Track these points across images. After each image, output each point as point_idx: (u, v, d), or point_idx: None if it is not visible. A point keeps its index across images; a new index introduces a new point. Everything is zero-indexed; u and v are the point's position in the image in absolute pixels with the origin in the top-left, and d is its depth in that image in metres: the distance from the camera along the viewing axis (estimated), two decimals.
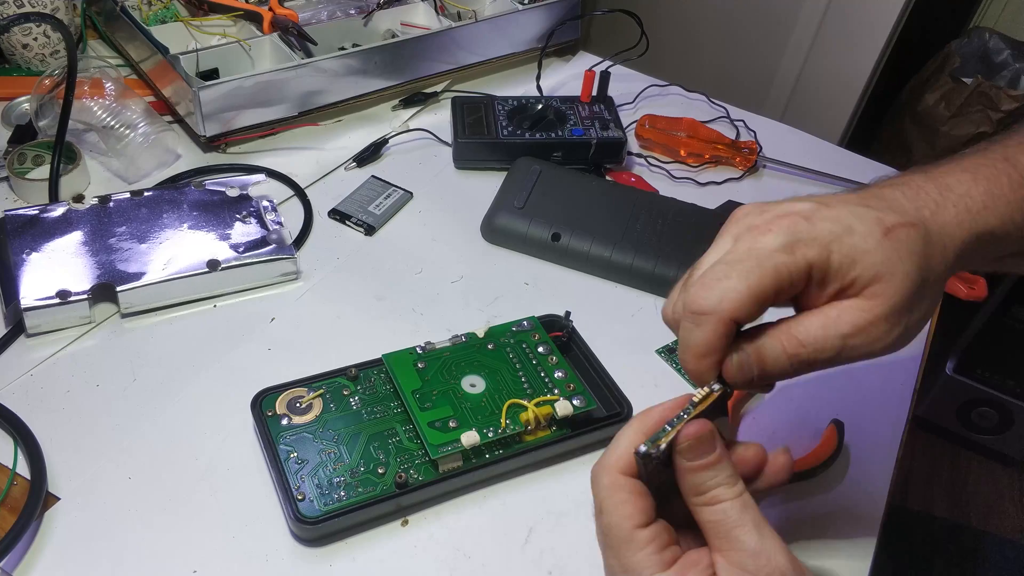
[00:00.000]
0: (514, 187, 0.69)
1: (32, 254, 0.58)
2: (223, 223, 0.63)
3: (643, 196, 0.70)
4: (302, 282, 0.63)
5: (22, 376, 0.54)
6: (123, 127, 0.69)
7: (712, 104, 0.88)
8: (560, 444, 0.51)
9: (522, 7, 0.87)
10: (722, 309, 0.35)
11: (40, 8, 0.77)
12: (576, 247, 0.65)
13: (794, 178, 0.80)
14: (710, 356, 0.36)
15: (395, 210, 0.70)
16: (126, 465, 0.50)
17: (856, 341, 0.35)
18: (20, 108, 0.76)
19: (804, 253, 0.35)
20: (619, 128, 0.76)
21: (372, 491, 0.47)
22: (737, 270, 0.35)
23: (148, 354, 0.56)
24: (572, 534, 0.48)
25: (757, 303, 0.35)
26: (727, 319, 0.35)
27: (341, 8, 0.85)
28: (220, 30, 0.80)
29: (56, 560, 0.45)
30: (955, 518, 1.43)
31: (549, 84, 0.86)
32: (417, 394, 0.51)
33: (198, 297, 0.60)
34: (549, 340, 0.56)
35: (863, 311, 0.35)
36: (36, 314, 0.56)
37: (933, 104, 1.58)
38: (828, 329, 0.35)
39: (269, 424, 0.49)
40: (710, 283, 0.35)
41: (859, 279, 0.35)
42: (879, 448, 0.55)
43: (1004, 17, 1.67)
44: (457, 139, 0.75)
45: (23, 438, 0.49)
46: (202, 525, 0.47)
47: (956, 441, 1.53)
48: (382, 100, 0.82)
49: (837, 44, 1.52)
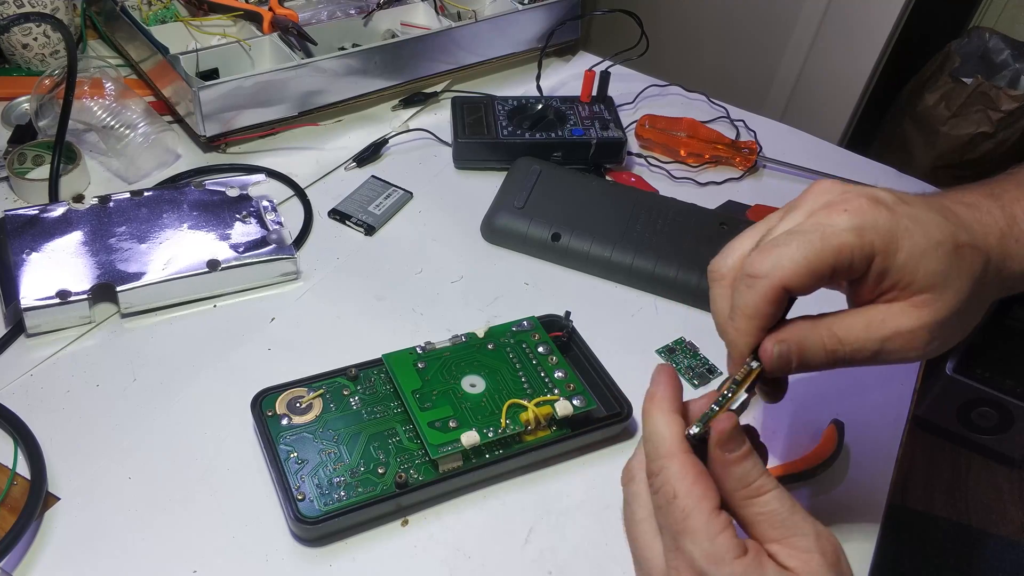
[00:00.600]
0: (514, 187, 0.69)
1: (32, 254, 0.58)
2: (223, 223, 0.63)
3: (643, 196, 0.70)
4: (302, 282, 0.63)
5: (22, 376, 0.54)
6: (123, 127, 0.69)
7: (712, 104, 0.88)
8: (560, 444, 0.51)
9: (522, 7, 0.87)
10: (775, 275, 0.35)
11: (40, 8, 0.77)
12: (576, 247, 0.65)
13: (794, 178, 0.80)
14: (756, 320, 0.36)
15: (395, 210, 0.70)
16: (126, 465, 0.50)
17: (894, 345, 0.36)
18: (20, 108, 0.76)
19: (872, 240, 0.35)
20: (619, 128, 0.76)
21: (372, 491, 0.47)
22: (799, 240, 0.35)
23: (148, 354, 0.56)
24: (572, 534, 0.48)
25: (812, 275, 0.35)
26: (778, 285, 0.35)
27: (341, 8, 0.85)
28: (220, 30, 0.80)
29: (56, 560, 0.45)
30: (955, 518, 1.43)
31: (549, 84, 0.86)
32: (417, 394, 0.51)
33: (198, 297, 0.60)
34: (549, 340, 0.56)
35: (909, 318, 0.35)
36: (36, 314, 0.56)
37: (933, 104, 1.58)
38: (871, 331, 0.36)
39: (269, 424, 0.49)
40: (770, 249, 0.36)
41: (916, 282, 0.35)
42: (879, 448, 0.55)
43: (1004, 17, 1.67)
44: (457, 139, 0.75)
45: (23, 438, 0.49)
46: (202, 525, 0.47)
47: (956, 441, 1.53)
48: (382, 100, 0.82)
49: (837, 44, 1.52)
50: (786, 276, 0.35)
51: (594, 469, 0.52)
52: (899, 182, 0.80)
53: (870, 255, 0.35)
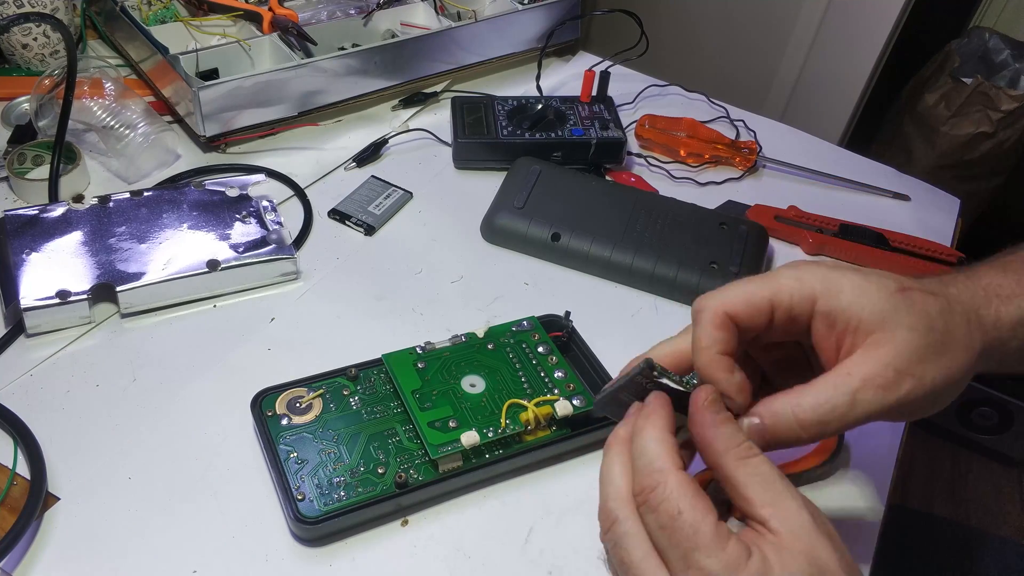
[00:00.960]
0: (514, 187, 0.69)
1: (32, 254, 0.58)
2: (223, 223, 0.63)
3: (643, 196, 0.70)
4: (302, 282, 0.63)
5: (22, 376, 0.54)
6: (123, 127, 0.69)
7: (712, 104, 0.88)
8: (560, 444, 0.51)
9: (522, 7, 0.86)
10: (716, 303, 0.38)
11: (40, 8, 0.77)
12: (576, 247, 0.65)
13: (794, 178, 0.80)
14: (711, 347, 0.37)
15: (395, 210, 0.70)
16: (126, 465, 0.50)
17: (868, 395, 0.35)
18: (20, 108, 0.76)
19: (812, 284, 0.37)
20: (619, 128, 0.76)
21: (372, 491, 0.47)
22: (744, 281, 0.38)
23: (148, 354, 0.56)
24: (572, 534, 0.48)
25: (750, 305, 0.37)
26: (720, 310, 0.37)
27: (341, 8, 0.85)
28: (220, 30, 0.80)
29: (56, 560, 0.45)
30: (955, 518, 1.43)
31: (549, 84, 0.86)
32: (417, 394, 0.51)
33: (198, 297, 0.60)
34: (549, 340, 0.56)
35: (868, 361, 0.36)
36: (36, 314, 0.56)
37: (933, 104, 1.58)
38: (839, 388, 0.36)
39: (269, 424, 0.49)
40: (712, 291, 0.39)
41: (864, 321, 0.36)
42: (879, 448, 0.55)
43: (1004, 17, 1.67)
44: (457, 139, 0.75)
45: (23, 438, 0.49)
46: (202, 525, 0.47)
47: (956, 441, 1.53)
48: (382, 100, 0.82)
49: (837, 44, 1.52)
50: (727, 302, 0.37)
51: (594, 469, 0.51)
52: (899, 182, 0.80)
53: (810, 296, 0.37)
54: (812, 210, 0.73)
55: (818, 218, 0.72)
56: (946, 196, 0.80)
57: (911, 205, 0.78)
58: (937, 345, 0.36)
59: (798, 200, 0.75)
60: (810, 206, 0.74)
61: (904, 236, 0.72)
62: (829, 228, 0.71)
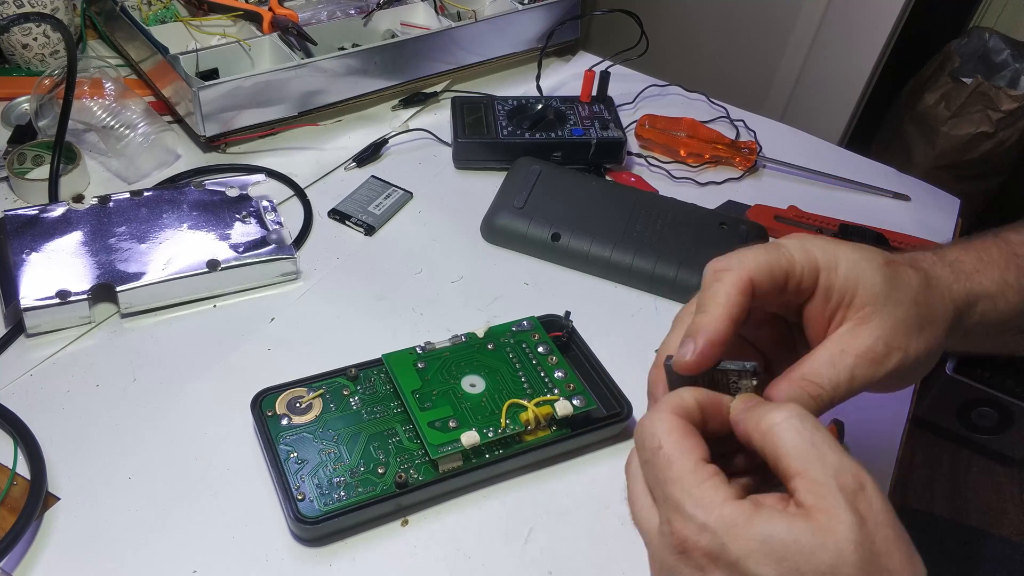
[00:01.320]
0: (514, 187, 0.69)
1: (32, 254, 0.58)
2: (223, 223, 0.63)
3: (643, 196, 0.70)
4: (302, 282, 0.63)
5: (22, 376, 0.54)
6: (123, 127, 0.69)
7: (712, 104, 0.88)
8: (560, 444, 0.51)
9: (522, 7, 0.87)
10: (743, 268, 0.37)
11: (40, 8, 0.77)
12: (576, 247, 0.65)
13: (794, 178, 0.80)
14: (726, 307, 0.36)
15: (395, 210, 0.70)
16: (126, 465, 0.50)
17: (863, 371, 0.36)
18: (20, 108, 0.76)
19: (816, 256, 0.38)
20: (619, 128, 0.76)
21: (372, 491, 0.47)
22: (758, 248, 0.38)
23: (148, 354, 0.56)
24: (572, 534, 0.48)
25: (772, 277, 0.37)
26: (746, 276, 0.36)
27: (341, 8, 0.85)
28: (220, 30, 0.80)
29: (56, 560, 0.45)
30: (955, 518, 1.43)
31: (549, 84, 0.86)
32: (417, 394, 0.51)
33: (198, 297, 0.60)
34: (549, 340, 0.56)
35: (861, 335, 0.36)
36: (36, 314, 0.56)
37: (933, 104, 1.58)
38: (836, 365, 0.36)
39: (269, 424, 0.49)
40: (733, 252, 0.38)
41: (858, 296, 0.37)
42: (879, 448, 0.55)
43: (1004, 17, 1.67)
44: (457, 139, 0.75)
45: (23, 438, 0.49)
46: (202, 525, 0.47)
47: (956, 441, 1.53)
48: (382, 100, 0.82)
49: (837, 44, 1.52)
50: (752, 270, 0.37)
51: (594, 469, 0.52)
52: (899, 182, 0.80)
53: (815, 269, 0.37)
54: (812, 210, 0.73)
55: (818, 218, 0.72)
56: (946, 196, 0.80)
57: (911, 205, 0.78)
58: (921, 319, 0.37)
59: (798, 200, 0.75)
60: (810, 206, 0.74)
61: (904, 236, 0.72)
62: (829, 228, 0.72)
